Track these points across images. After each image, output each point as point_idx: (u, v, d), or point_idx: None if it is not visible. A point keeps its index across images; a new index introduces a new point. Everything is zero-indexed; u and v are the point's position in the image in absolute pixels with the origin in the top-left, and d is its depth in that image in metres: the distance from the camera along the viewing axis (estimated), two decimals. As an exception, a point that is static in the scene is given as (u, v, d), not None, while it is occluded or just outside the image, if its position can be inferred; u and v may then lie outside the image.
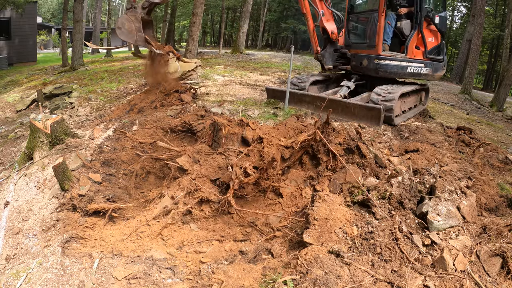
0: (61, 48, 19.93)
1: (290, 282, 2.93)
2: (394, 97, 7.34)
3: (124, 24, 7.27)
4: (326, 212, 3.54)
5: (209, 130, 5.21)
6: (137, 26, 7.26)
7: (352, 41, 9.33)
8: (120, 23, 7.37)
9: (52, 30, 39.08)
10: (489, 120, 11.78)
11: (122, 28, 7.28)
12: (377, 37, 8.28)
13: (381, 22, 8.18)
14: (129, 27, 7.26)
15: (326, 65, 9.15)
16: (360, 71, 9.04)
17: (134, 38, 7.27)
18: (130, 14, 7.26)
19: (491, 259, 2.95)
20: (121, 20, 7.39)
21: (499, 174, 5.50)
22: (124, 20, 7.30)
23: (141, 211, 4.21)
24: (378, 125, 6.94)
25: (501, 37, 24.28)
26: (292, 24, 41.57)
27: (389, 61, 8.49)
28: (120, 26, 7.34)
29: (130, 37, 7.30)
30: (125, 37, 7.36)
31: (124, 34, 7.29)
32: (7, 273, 3.30)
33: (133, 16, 7.26)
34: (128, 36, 7.32)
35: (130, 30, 7.24)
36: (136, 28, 7.25)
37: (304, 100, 7.95)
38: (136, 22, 7.24)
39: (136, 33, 7.33)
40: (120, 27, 7.34)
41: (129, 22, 7.24)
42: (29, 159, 5.20)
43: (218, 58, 18.62)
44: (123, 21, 7.33)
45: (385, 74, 8.66)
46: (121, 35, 7.35)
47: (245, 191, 4.40)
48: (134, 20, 7.24)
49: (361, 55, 8.81)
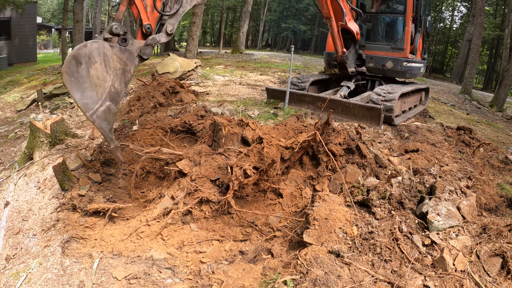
0: (61, 48, 19.92)
1: (290, 282, 2.93)
2: (394, 97, 7.35)
3: (90, 65, 3.56)
4: (326, 212, 3.54)
5: (209, 130, 5.21)
6: (118, 88, 3.82)
7: (369, 42, 9.10)
8: (84, 54, 3.51)
9: (52, 30, 39.09)
10: (489, 120, 11.79)
11: (82, 71, 3.51)
12: (405, 40, 8.33)
13: (409, 26, 8.27)
14: (100, 78, 3.67)
15: (350, 67, 8.75)
16: (379, 73, 8.97)
17: (94, 114, 3.68)
18: (117, 51, 3.81)
19: (491, 259, 2.95)
20: (90, 52, 3.56)
21: (499, 174, 5.50)
22: (96, 56, 3.60)
23: (141, 211, 4.21)
24: (378, 125, 6.94)
25: (501, 37, 24.28)
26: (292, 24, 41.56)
27: (413, 63, 8.62)
28: (71, 69, 3.45)
29: (89, 104, 3.63)
30: (79, 96, 3.53)
31: (79, 86, 3.52)
32: (7, 273, 3.30)
33: (119, 58, 3.83)
34: (86, 97, 3.59)
35: (98, 87, 3.67)
36: (113, 92, 3.79)
37: (304, 100, 7.95)
38: (121, 75, 3.84)
39: (105, 103, 3.75)
40: (70, 71, 3.44)
41: (105, 67, 3.69)
42: (29, 159, 5.20)
43: (218, 58, 18.63)
44: (92, 57, 3.58)
45: (410, 76, 8.80)
46: (71, 84, 3.47)
47: (245, 191, 4.40)
48: (118, 69, 3.82)
49: (384, 57, 8.73)
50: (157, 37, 4.34)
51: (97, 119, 3.71)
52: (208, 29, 49.83)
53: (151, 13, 4.29)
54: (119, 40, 3.92)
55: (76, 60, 3.49)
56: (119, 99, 3.91)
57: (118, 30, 3.88)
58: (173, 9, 4.40)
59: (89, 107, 3.63)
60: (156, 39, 4.33)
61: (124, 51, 3.94)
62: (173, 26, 4.42)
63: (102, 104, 3.73)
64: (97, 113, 3.70)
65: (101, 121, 3.74)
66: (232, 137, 4.93)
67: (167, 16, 4.41)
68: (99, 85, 3.68)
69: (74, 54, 3.50)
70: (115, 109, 3.86)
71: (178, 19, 4.50)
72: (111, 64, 3.77)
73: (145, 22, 4.20)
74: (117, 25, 3.89)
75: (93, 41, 3.64)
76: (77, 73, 3.50)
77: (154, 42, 4.30)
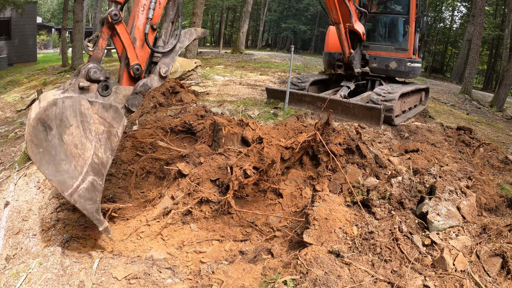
0: (61, 48, 19.94)
1: (290, 282, 2.93)
2: (394, 97, 7.35)
3: (64, 129, 2.80)
4: (326, 212, 3.54)
5: (209, 130, 5.21)
6: (102, 158, 3.02)
7: (372, 43, 9.10)
8: (54, 116, 2.75)
9: (52, 30, 39.08)
10: (489, 120, 11.79)
11: (53, 139, 2.76)
12: (409, 41, 8.36)
13: (412, 27, 8.31)
14: (78, 146, 2.88)
15: (356, 68, 8.71)
16: (383, 73, 8.99)
17: (75, 194, 2.91)
18: (99, 110, 3.00)
19: (491, 259, 2.95)
20: (62, 112, 2.78)
21: (499, 174, 5.50)
22: (70, 117, 2.83)
23: (141, 211, 4.21)
24: (378, 125, 6.95)
25: (501, 37, 24.29)
26: (292, 24, 41.58)
27: (416, 63, 8.65)
28: (38, 137, 2.70)
29: (67, 182, 2.86)
30: (52, 171, 2.77)
31: (50, 159, 2.76)
32: (7, 273, 3.30)
33: (101, 118, 3.01)
34: (61, 172, 2.83)
35: (77, 158, 2.89)
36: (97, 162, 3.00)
37: (304, 100, 7.95)
38: (106, 140, 3.04)
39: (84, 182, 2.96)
40: (37, 140, 2.69)
41: (83, 131, 2.89)
42: (29, 159, 5.19)
43: (218, 58, 18.63)
44: (66, 119, 2.80)
45: (413, 76, 8.84)
46: (40, 157, 2.72)
47: (245, 191, 4.40)
48: (101, 133, 3.01)
49: (388, 58, 8.74)
50: (149, 81, 3.41)
51: (79, 199, 2.89)
52: (208, 29, 49.85)
53: (140, 49, 3.39)
54: (99, 88, 3.06)
55: (44, 125, 2.65)
56: (105, 171, 3.01)
57: (98, 75, 3.02)
58: (169, 45, 3.56)
59: (67, 185, 2.81)
60: (148, 85, 3.39)
61: (109, 109, 3.00)
62: (168, 67, 3.52)
63: (84, 179, 2.87)
64: (78, 192, 2.87)
65: (85, 201, 2.93)
66: (232, 137, 4.93)
67: (160, 54, 3.55)
68: (78, 155, 2.83)
69: (39, 117, 2.63)
70: (101, 184, 2.99)
71: (174, 57, 3.60)
72: (91, 127, 2.88)
73: (133, 62, 3.32)
74: (95, 68, 3.02)
75: (65, 97, 2.76)
76: (46, 142, 2.68)
77: (145, 90, 3.35)
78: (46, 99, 2.87)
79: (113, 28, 3.15)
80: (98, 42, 3.14)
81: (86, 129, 2.89)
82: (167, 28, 3.69)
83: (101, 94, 3.08)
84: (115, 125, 3.06)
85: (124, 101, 3.25)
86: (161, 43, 3.66)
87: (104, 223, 3.16)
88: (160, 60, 3.54)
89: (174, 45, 3.54)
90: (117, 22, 3.13)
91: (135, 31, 3.37)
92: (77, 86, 2.94)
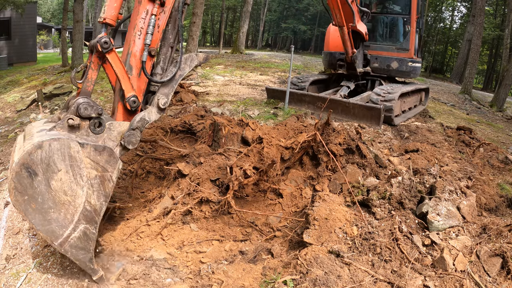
0: (61, 48, 19.94)
1: (290, 282, 2.93)
2: (394, 97, 7.36)
3: (51, 175, 2.54)
4: (326, 212, 3.54)
5: (209, 130, 5.21)
6: (95, 205, 2.77)
7: (373, 42, 9.13)
8: (40, 161, 2.47)
9: (52, 30, 39.08)
10: (489, 120, 11.79)
11: (39, 185, 2.50)
12: (410, 41, 8.39)
13: (414, 27, 8.34)
14: (68, 193, 2.63)
15: (358, 67, 8.75)
16: (384, 73, 9.01)
17: (66, 244, 2.69)
18: (90, 153, 2.70)
19: (491, 259, 2.95)
20: (49, 156, 2.50)
21: (499, 174, 5.50)
22: (59, 162, 2.55)
23: (141, 211, 4.21)
24: (378, 125, 6.95)
25: (501, 37, 24.29)
26: (292, 24, 41.59)
27: (417, 63, 8.69)
28: (22, 184, 2.44)
29: (56, 232, 2.64)
30: (39, 220, 2.55)
31: (37, 207, 2.52)
32: (7, 273, 3.30)
33: (93, 162, 2.72)
34: (49, 221, 2.59)
35: (67, 206, 2.64)
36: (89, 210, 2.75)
37: (304, 100, 7.96)
38: (99, 185, 2.78)
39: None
40: (21, 187, 2.43)
41: (73, 176, 2.63)
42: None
43: (218, 58, 18.63)
44: (53, 163, 2.53)
45: (414, 76, 8.89)
46: (25, 205, 2.48)
47: (245, 191, 4.40)
48: (93, 178, 2.74)
49: (390, 58, 8.77)
50: (147, 115, 3.04)
51: (71, 250, 2.67)
52: (208, 29, 49.86)
53: (137, 78, 3.06)
54: (91, 125, 2.77)
55: (28, 170, 2.40)
56: (98, 218, 2.75)
57: (89, 112, 2.73)
58: (169, 74, 3.22)
59: (57, 235, 2.60)
60: (146, 120, 3.03)
61: (102, 151, 2.70)
62: (167, 99, 3.16)
63: (75, 228, 2.64)
64: (69, 242, 2.64)
65: (77, 251, 2.70)
66: (232, 137, 4.93)
67: (159, 83, 3.20)
68: (68, 202, 2.58)
69: (23, 161, 2.37)
70: (94, 233, 2.74)
71: (174, 86, 3.24)
72: (82, 172, 2.61)
73: (129, 93, 2.98)
74: (86, 104, 2.73)
75: (51, 139, 2.48)
76: (32, 189, 2.44)
77: (143, 125, 2.99)
78: (31, 135, 2.65)
79: (104, 57, 2.86)
80: (87, 74, 2.84)
81: (77, 174, 2.62)
82: (165, 54, 3.34)
83: (93, 132, 2.81)
84: (109, 169, 2.77)
85: (119, 139, 2.94)
86: (159, 71, 3.30)
87: (98, 273, 2.91)
88: (158, 90, 3.20)
89: (174, 73, 3.21)
90: (108, 50, 2.81)
91: (131, 59, 3.06)
92: (66, 124, 2.68)
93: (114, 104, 3.14)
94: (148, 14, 3.07)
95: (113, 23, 2.91)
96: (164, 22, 3.20)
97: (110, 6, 2.87)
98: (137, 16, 3.07)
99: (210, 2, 36.93)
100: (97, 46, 2.78)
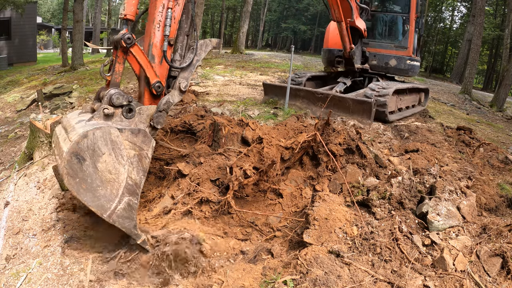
0: (61, 48, 19.94)
1: (290, 282, 2.93)
2: (388, 93, 7.36)
3: (97, 158, 2.92)
4: (326, 212, 3.54)
5: (209, 130, 5.20)
6: (136, 179, 3.15)
7: (372, 40, 9.15)
8: (86, 147, 2.86)
9: (52, 30, 39.10)
10: (489, 120, 11.79)
11: (88, 168, 2.89)
12: (409, 39, 8.40)
13: (412, 25, 8.37)
14: (112, 172, 3.01)
15: (356, 63, 8.77)
16: (382, 70, 9.02)
17: (113, 215, 3.05)
18: (128, 136, 3.09)
19: (491, 259, 2.95)
20: (93, 143, 2.89)
21: (499, 174, 5.50)
22: (102, 146, 2.93)
23: (141, 211, 4.21)
24: (369, 119, 6.96)
25: (501, 37, 24.29)
26: (292, 24, 41.59)
27: (415, 62, 8.69)
28: (73, 169, 2.82)
29: (105, 205, 3.00)
30: (90, 197, 2.92)
31: (87, 187, 2.90)
32: (7, 273, 3.30)
33: (131, 143, 3.10)
34: (99, 197, 2.96)
35: (112, 182, 3.01)
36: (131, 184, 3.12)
37: (298, 95, 7.98)
38: (138, 162, 3.15)
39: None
40: (72, 172, 2.82)
41: (115, 157, 3.02)
42: (29, 159, 5.20)
43: (218, 58, 18.62)
44: (98, 148, 2.92)
45: (412, 74, 8.88)
46: (77, 187, 2.86)
47: (245, 191, 4.40)
48: (132, 157, 3.12)
49: (388, 55, 8.77)
50: (171, 98, 3.42)
51: (118, 219, 3.07)
52: (208, 29, 49.85)
53: (159, 66, 3.43)
54: (123, 111, 3.15)
55: (77, 157, 2.80)
56: (139, 190, 3.18)
57: (121, 101, 3.11)
58: (187, 60, 3.58)
59: (105, 208, 2.99)
60: (170, 102, 3.40)
61: (138, 133, 3.11)
62: (187, 82, 3.55)
63: (120, 200, 3.05)
64: (116, 213, 3.04)
65: (123, 219, 3.10)
66: (232, 137, 4.93)
67: (179, 69, 3.57)
68: (113, 180, 2.99)
69: (73, 150, 2.77)
70: (136, 203, 3.15)
71: (192, 71, 3.61)
72: (123, 153, 3.02)
73: (154, 80, 3.36)
74: (118, 94, 3.09)
75: (94, 128, 2.87)
76: (81, 172, 2.84)
77: (168, 107, 3.38)
78: (71, 126, 3.02)
79: (127, 51, 3.17)
80: (114, 67, 3.19)
81: (118, 155, 3.02)
82: (182, 42, 3.68)
83: (126, 117, 3.18)
84: (145, 148, 3.17)
85: (149, 120, 3.33)
86: (177, 57, 3.66)
87: (142, 237, 3.27)
88: (179, 75, 3.57)
89: (192, 59, 3.57)
90: (132, 45, 3.13)
91: (153, 49, 3.39)
92: (102, 113, 3.05)
93: (141, 90, 3.51)
94: (165, 8, 3.35)
95: (133, 18, 3.21)
96: (179, 13, 3.49)
97: (129, 3, 3.15)
98: (154, 10, 3.35)
99: (210, 2, 36.93)
100: (121, 42, 3.06)
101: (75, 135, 2.83)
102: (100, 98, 3.27)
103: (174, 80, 3.58)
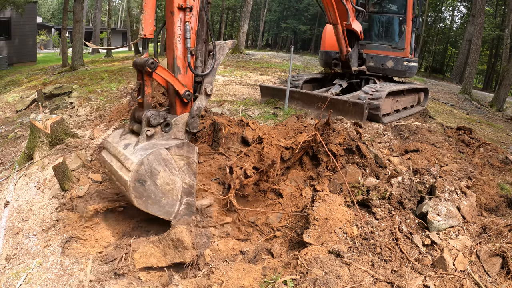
0: (61, 48, 19.94)
1: (290, 282, 2.93)
2: (381, 95, 7.37)
3: (155, 177, 3.33)
4: (326, 212, 3.54)
5: (209, 130, 5.21)
6: (189, 183, 3.59)
7: (369, 41, 9.11)
8: (145, 172, 3.25)
9: (52, 30, 39.10)
10: (489, 120, 11.79)
11: (150, 187, 3.32)
12: (406, 40, 8.39)
13: (409, 26, 8.35)
14: (170, 184, 3.44)
15: (353, 66, 8.74)
16: (379, 72, 9.00)
17: (178, 215, 3.57)
18: (176, 151, 3.45)
19: (491, 259, 2.95)
20: (149, 167, 3.28)
21: (499, 174, 5.50)
22: (157, 167, 3.33)
23: (141, 211, 4.21)
24: (361, 120, 6.97)
25: (501, 37, 24.29)
26: (292, 24, 41.59)
27: (413, 62, 8.67)
28: (139, 192, 3.25)
29: (169, 210, 3.50)
30: (157, 209, 3.41)
31: (153, 201, 3.36)
32: (7, 273, 3.30)
33: (179, 156, 3.48)
34: (164, 206, 3.45)
35: (171, 191, 3.47)
36: (186, 188, 3.58)
37: (294, 97, 8.02)
38: (188, 169, 3.55)
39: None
40: (139, 194, 3.25)
41: (169, 171, 3.42)
42: (29, 159, 5.20)
43: (218, 58, 18.60)
44: (154, 169, 3.31)
45: (410, 75, 8.86)
46: (145, 203, 3.32)
47: (245, 191, 4.41)
48: (183, 166, 3.51)
49: (385, 57, 8.76)
50: (200, 103, 3.77)
51: (182, 217, 3.58)
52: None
53: (184, 76, 3.75)
54: (162, 127, 3.55)
55: (140, 181, 3.24)
56: (193, 190, 3.63)
57: (158, 120, 3.50)
58: (209, 66, 3.89)
59: (170, 212, 3.49)
60: (200, 107, 3.76)
61: (182, 146, 3.49)
62: (212, 85, 3.85)
63: (181, 203, 3.56)
64: (179, 213, 3.56)
65: (187, 216, 3.62)
66: (232, 137, 4.94)
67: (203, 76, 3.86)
68: (171, 189, 3.45)
69: (135, 178, 3.19)
70: (193, 200, 3.63)
71: (214, 75, 3.94)
72: (174, 165, 3.44)
73: (182, 90, 3.69)
74: (154, 115, 3.46)
75: (147, 155, 3.24)
76: (146, 192, 3.28)
77: (200, 112, 3.75)
78: (122, 154, 3.44)
79: (152, 73, 3.46)
80: (144, 90, 3.50)
81: (171, 169, 3.44)
82: (201, 49, 3.93)
83: (165, 132, 3.59)
84: (191, 156, 3.56)
85: (185, 127, 3.73)
86: (199, 64, 3.94)
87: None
88: (204, 80, 3.87)
89: (213, 64, 3.87)
90: (156, 68, 3.41)
91: (177, 61, 3.70)
92: (145, 135, 3.46)
93: (171, 100, 3.90)
94: (182, 22, 3.63)
95: (152, 36, 3.50)
96: (195, 24, 3.75)
97: (146, 23, 3.42)
98: (173, 25, 3.62)
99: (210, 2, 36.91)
100: (146, 69, 3.36)
101: (132, 164, 3.22)
102: (136, 118, 3.66)
103: (199, 85, 3.91)
